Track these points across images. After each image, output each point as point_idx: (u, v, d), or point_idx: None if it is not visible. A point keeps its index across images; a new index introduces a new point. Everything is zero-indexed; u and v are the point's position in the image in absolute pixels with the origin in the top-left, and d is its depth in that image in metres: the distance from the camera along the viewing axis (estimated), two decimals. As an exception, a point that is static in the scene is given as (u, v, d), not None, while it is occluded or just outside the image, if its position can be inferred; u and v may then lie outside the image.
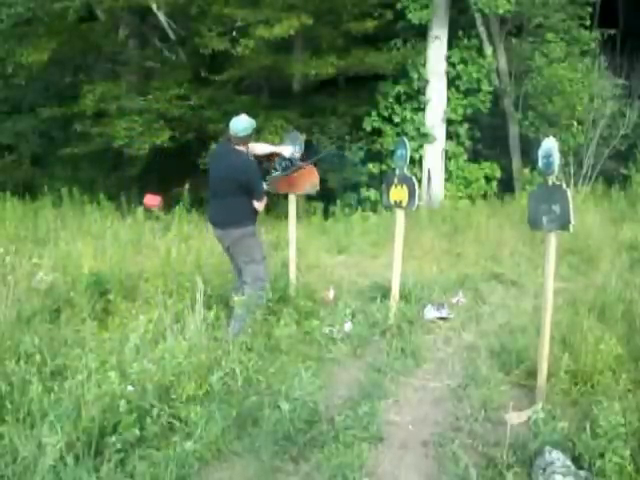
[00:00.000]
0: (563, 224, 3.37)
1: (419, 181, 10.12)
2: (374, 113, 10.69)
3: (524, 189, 9.84)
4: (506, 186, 10.74)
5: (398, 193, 4.75)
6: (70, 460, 2.73)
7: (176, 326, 3.96)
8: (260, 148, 4.90)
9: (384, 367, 4.12)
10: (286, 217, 5.54)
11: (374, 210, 9.74)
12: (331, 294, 5.39)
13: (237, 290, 4.63)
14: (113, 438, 2.87)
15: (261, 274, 4.65)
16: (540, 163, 3.50)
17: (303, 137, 5.17)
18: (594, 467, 2.83)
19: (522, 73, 10.89)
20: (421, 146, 10.62)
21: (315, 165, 5.16)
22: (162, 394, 3.29)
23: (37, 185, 11.26)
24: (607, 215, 8.14)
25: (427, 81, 10.55)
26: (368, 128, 10.71)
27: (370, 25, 9.76)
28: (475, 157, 11.16)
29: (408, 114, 10.60)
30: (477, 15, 10.42)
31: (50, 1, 9.53)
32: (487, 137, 11.47)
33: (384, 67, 10.21)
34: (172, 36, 10.60)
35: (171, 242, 6.05)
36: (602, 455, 2.83)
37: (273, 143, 5.24)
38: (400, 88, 10.65)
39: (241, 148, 4.59)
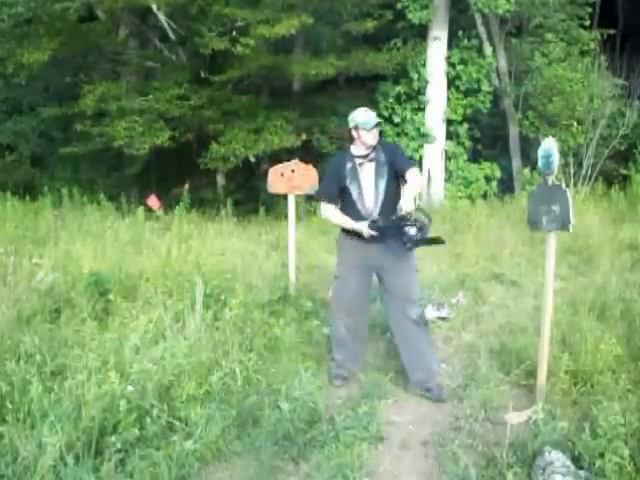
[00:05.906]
0: (563, 224, 3.37)
1: (419, 181, 10.09)
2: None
3: (524, 189, 9.84)
4: (506, 186, 10.73)
5: (398, 193, 4.73)
6: (70, 460, 2.73)
7: (176, 326, 3.96)
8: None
9: (384, 367, 4.12)
10: (286, 217, 5.54)
11: (374, 210, 9.71)
12: (331, 294, 5.38)
13: None
14: (113, 438, 2.87)
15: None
16: (540, 163, 3.49)
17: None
18: (594, 467, 2.83)
19: (522, 73, 10.88)
20: (421, 146, 10.62)
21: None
22: (162, 394, 3.29)
23: (37, 185, 11.24)
24: (607, 215, 8.13)
25: (427, 81, 10.54)
26: (368, 128, 10.69)
27: (370, 25, 9.74)
28: (475, 157, 11.14)
29: (408, 114, 10.60)
30: (477, 15, 10.42)
31: (51, 1, 9.51)
32: (487, 137, 11.47)
33: (384, 67, 10.20)
34: (172, 36, 10.58)
35: (171, 242, 6.05)
36: (602, 455, 2.82)
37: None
38: (400, 88, 10.64)
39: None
